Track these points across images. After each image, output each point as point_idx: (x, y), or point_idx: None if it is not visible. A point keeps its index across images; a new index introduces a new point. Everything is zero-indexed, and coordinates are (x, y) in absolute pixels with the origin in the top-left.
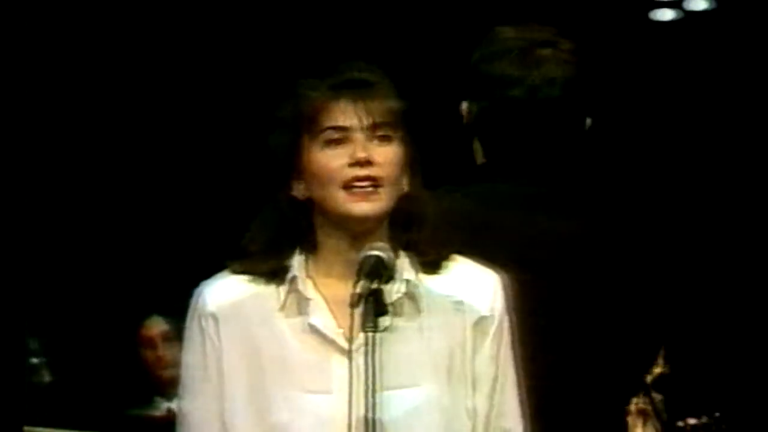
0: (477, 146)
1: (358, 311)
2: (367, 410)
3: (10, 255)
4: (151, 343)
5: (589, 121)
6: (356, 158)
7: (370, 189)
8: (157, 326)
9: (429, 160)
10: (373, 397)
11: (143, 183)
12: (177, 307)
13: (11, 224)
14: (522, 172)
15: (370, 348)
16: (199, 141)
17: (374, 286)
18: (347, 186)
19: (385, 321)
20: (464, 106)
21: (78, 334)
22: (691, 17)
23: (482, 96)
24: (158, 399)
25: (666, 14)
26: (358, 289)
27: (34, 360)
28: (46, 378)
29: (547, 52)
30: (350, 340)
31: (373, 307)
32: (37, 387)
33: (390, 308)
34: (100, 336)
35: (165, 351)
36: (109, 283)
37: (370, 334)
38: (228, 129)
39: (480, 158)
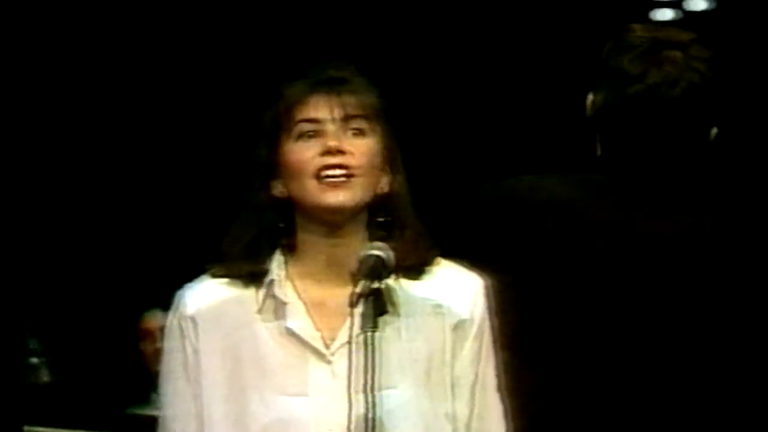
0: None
1: (343, 312)
2: (366, 411)
3: (10, 255)
4: (150, 336)
5: (715, 130)
6: (327, 146)
7: (342, 179)
8: (156, 319)
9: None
10: (373, 396)
11: (139, 181)
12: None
13: (11, 224)
14: (632, 168)
15: (369, 347)
16: (196, 137)
17: (375, 285)
18: (319, 176)
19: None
20: (589, 98)
21: (77, 334)
22: (691, 17)
23: (604, 89)
24: (157, 398)
25: (666, 14)
26: (358, 289)
27: (34, 360)
28: (46, 377)
29: (674, 53)
30: (350, 341)
31: (372, 307)
32: (36, 386)
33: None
34: (100, 336)
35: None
36: (108, 284)
37: (369, 334)
38: (225, 124)
39: (599, 150)
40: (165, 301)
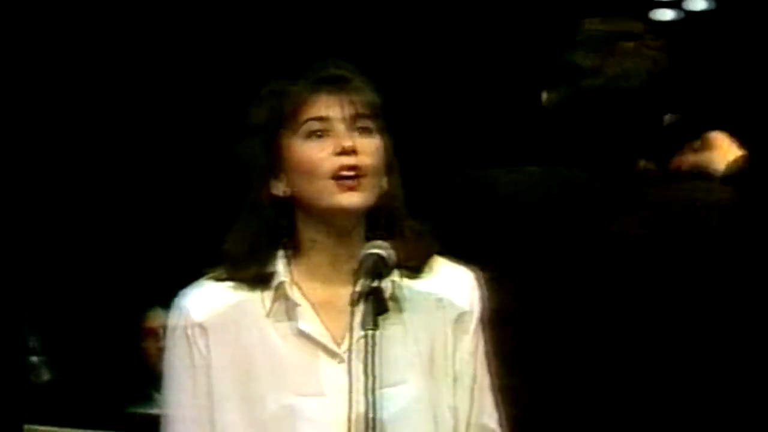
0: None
1: (348, 311)
2: (367, 409)
3: (10, 253)
4: (153, 334)
5: (668, 117)
6: (342, 147)
7: (355, 181)
8: (160, 318)
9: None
10: (374, 394)
11: (139, 179)
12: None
13: (11, 223)
14: (593, 162)
15: (370, 346)
16: (197, 135)
17: (375, 284)
18: (334, 178)
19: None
20: (544, 96)
21: (78, 333)
22: (691, 17)
23: (561, 85)
24: (158, 396)
25: (666, 14)
26: (359, 288)
27: (34, 358)
28: (46, 376)
29: (629, 45)
30: (350, 340)
31: (373, 306)
32: (36, 385)
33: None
34: (100, 334)
35: None
36: (108, 282)
37: (370, 333)
38: (224, 123)
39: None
40: (166, 300)
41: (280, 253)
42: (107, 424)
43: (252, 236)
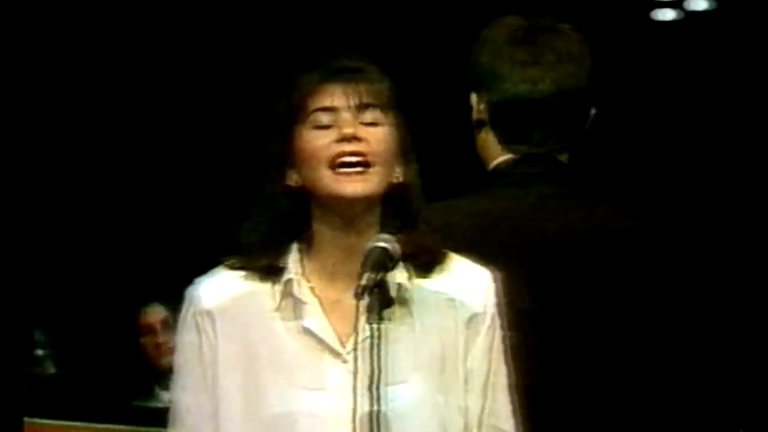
0: (485, 140)
1: (352, 311)
2: (372, 404)
3: (13, 248)
4: (150, 330)
5: (594, 111)
6: (343, 134)
7: (358, 168)
8: (156, 313)
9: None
10: (378, 389)
11: (141, 173)
12: (176, 295)
13: (16, 218)
14: (539, 164)
15: (375, 340)
16: (198, 129)
17: (379, 277)
18: (334, 165)
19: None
20: (474, 98)
21: (83, 327)
22: (691, 17)
23: (494, 86)
24: (161, 390)
25: (666, 14)
26: (364, 281)
27: (39, 352)
28: (51, 370)
29: (549, 36)
30: (356, 336)
31: (378, 299)
32: (41, 379)
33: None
34: (105, 329)
35: (164, 338)
36: (112, 275)
37: (375, 326)
38: (229, 117)
39: (491, 153)
40: (166, 295)
41: (294, 246)
42: (111, 418)
43: (266, 227)
